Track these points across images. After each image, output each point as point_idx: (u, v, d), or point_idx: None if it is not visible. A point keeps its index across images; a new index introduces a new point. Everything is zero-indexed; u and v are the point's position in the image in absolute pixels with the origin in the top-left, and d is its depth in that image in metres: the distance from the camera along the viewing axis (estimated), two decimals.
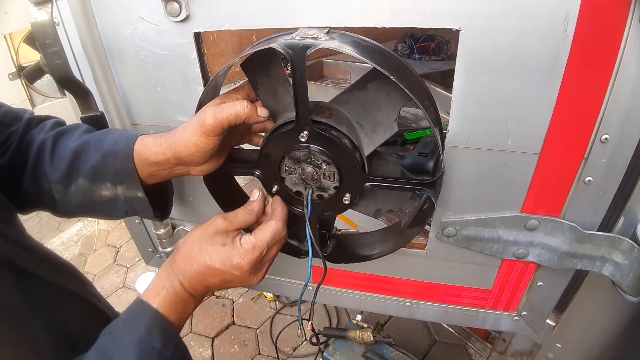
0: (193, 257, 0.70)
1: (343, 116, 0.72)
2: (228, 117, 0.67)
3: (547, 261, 0.82)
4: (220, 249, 0.69)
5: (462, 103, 0.68)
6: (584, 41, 0.59)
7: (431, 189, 0.70)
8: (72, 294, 0.76)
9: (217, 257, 0.69)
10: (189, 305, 0.71)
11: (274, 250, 0.74)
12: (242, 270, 0.69)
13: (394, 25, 0.64)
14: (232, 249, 0.70)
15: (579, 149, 0.69)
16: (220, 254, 0.69)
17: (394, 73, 0.58)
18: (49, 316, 0.68)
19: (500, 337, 1.59)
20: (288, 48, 0.61)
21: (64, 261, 0.82)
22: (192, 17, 0.73)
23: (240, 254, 0.69)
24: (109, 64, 0.83)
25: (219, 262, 0.69)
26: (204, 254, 0.69)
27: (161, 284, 0.69)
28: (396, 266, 0.97)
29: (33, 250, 0.72)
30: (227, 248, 0.70)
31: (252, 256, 0.69)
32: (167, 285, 0.69)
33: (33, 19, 0.75)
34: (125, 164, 0.73)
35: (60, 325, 0.69)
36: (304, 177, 0.74)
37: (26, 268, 0.67)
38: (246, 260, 0.69)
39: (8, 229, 0.68)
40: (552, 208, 0.77)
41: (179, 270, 0.70)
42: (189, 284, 0.69)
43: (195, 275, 0.69)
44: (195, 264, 0.69)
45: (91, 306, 0.80)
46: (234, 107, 0.67)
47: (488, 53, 0.63)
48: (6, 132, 0.77)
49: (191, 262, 0.69)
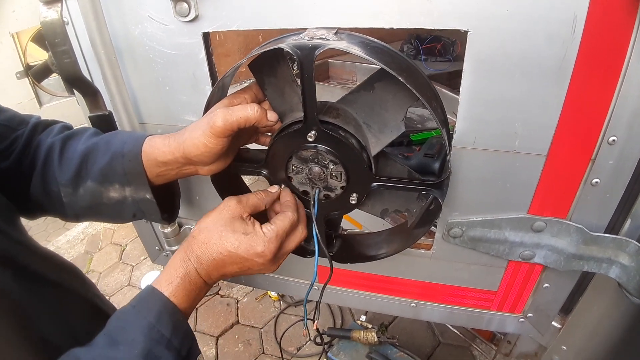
0: (213, 244, 0.70)
1: (350, 116, 0.72)
2: (238, 121, 0.67)
3: (554, 263, 0.82)
4: (242, 237, 0.70)
5: (469, 104, 0.68)
6: (592, 42, 0.59)
7: (438, 190, 0.70)
8: (75, 294, 0.77)
9: (239, 244, 0.69)
10: (201, 292, 0.71)
11: (292, 242, 0.75)
12: (265, 258, 0.70)
13: (402, 26, 0.64)
14: (255, 237, 0.70)
15: (587, 150, 0.68)
16: (243, 241, 0.69)
17: (401, 74, 0.59)
18: (52, 314, 0.68)
19: (505, 339, 1.58)
20: (297, 48, 0.61)
21: (66, 262, 0.82)
22: (201, 17, 0.73)
23: (264, 242, 0.70)
24: (118, 63, 0.84)
25: (242, 250, 0.69)
26: (225, 241, 0.69)
27: (175, 272, 0.69)
28: (402, 266, 0.97)
29: (35, 250, 0.73)
30: (250, 236, 0.70)
31: (275, 245, 0.70)
32: (182, 273, 0.69)
33: (43, 17, 0.76)
34: (134, 165, 0.74)
35: (64, 323, 0.70)
36: (311, 177, 0.74)
37: (29, 266, 0.67)
38: (269, 248, 0.70)
39: (10, 229, 0.68)
40: (558, 210, 0.76)
41: (196, 258, 0.70)
42: (205, 271, 0.70)
43: (214, 262, 0.70)
44: (215, 251, 0.69)
45: (94, 307, 0.81)
46: (245, 111, 0.67)
47: (496, 54, 0.63)
48: (11, 137, 0.77)
49: (210, 249, 0.70)
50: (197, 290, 0.70)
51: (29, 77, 2.72)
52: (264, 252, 0.69)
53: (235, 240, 0.69)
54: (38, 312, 0.65)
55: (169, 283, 0.68)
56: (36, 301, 0.66)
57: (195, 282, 0.69)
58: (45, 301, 0.68)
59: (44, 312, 0.67)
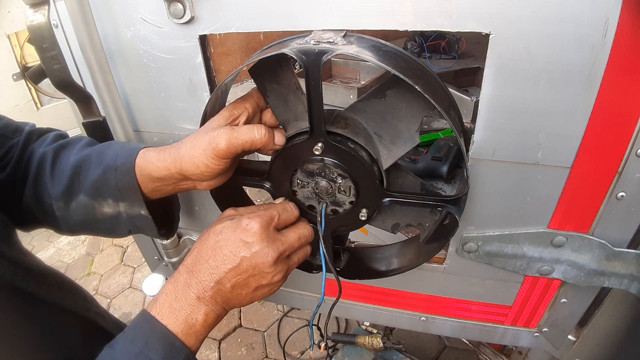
0: (201, 246, 0.66)
1: (360, 126, 0.67)
2: (243, 145, 0.64)
3: (573, 279, 0.79)
4: (228, 222, 0.67)
5: (490, 113, 0.63)
6: (625, 47, 0.55)
7: (455, 206, 0.65)
8: (74, 315, 0.74)
9: (225, 229, 0.66)
10: (194, 311, 0.63)
11: (292, 233, 0.70)
12: (252, 232, 0.64)
13: (417, 28, 0.59)
14: (239, 217, 0.67)
15: (613, 163, 0.65)
16: (227, 224, 0.66)
17: (418, 82, 0.53)
18: (49, 338, 0.65)
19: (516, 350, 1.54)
20: (302, 54, 0.56)
21: (64, 278, 0.79)
22: (197, 19, 0.69)
23: (248, 217, 0.66)
24: (109, 68, 0.80)
25: (227, 232, 0.65)
26: (212, 234, 0.66)
27: (162, 289, 0.65)
28: (412, 280, 0.93)
29: (32, 269, 0.70)
30: (236, 219, 0.67)
31: (261, 218, 0.66)
32: (168, 289, 0.64)
33: (29, 21, 0.71)
34: (127, 180, 0.69)
35: (62, 347, 0.67)
36: (318, 191, 0.70)
37: (25, 289, 0.64)
38: (255, 220, 0.65)
39: (6, 248, 0.65)
40: (581, 224, 0.73)
41: (186, 268, 0.65)
42: (196, 281, 0.64)
43: (205, 267, 0.64)
44: (204, 250, 0.65)
45: (94, 326, 0.78)
46: (251, 133, 0.64)
47: (520, 59, 0.58)
48: (6, 145, 0.75)
49: (200, 252, 0.66)
50: (188, 307, 0.62)
51: (25, 78, 2.69)
52: (249, 226, 0.64)
53: (220, 227, 0.66)
54: (34, 335, 0.63)
55: (155, 301, 0.63)
56: (32, 324, 0.63)
57: (184, 298, 0.63)
58: (42, 324, 0.65)
59: (40, 335, 0.64)
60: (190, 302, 0.63)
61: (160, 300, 0.63)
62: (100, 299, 3.06)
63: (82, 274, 3.36)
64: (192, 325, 0.62)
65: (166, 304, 0.62)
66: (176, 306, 0.62)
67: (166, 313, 0.62)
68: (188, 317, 0.62)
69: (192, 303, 0.63)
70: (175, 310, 0.62)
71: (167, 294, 0.63)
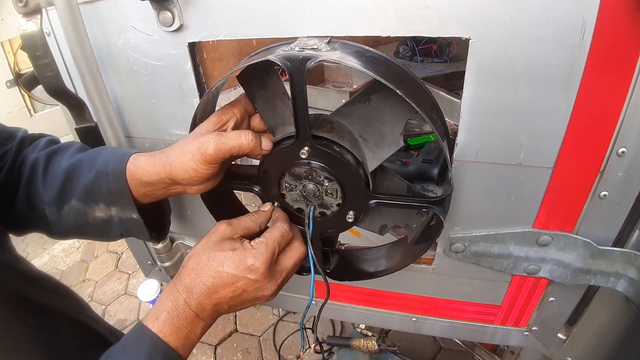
0: (201, 268, 0.65)
1: (345, 130, 0.68)
2: (231, 150, 0.64)
3: (560, 277, 0.79)
4: (230, 253, 0.65)
5: (472, 115, 0.65)
6: (602, 49, 0.56)
7: (439, 207, 0.66)
8: (67, 318, 0.74)
9: (228, 261, 0.65)
10: (194, 327, 0.65)
11: (289, 259, 0.70)
12: (258, 272, 0.65)
13: (399, 33, 0.60)
14: (243, 251, 0.66)
15: (595, 162, 0.66)
16: (231, 257, 0.65)
17: (400, 86, 0.55)
18: (43, 342, 0.66)
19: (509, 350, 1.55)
20: (286, 60, 0.57)
21: (58, 283, 0.80)
22: (186, 27, 0.70)
23: (253, 254, 0.65)
24: (101, 75, 0.80)
25: (231, 266, 0.64)
26: (212, 262, 0.65)
27: (162, 306, 0.65)
28: (402, 281, 0.94)
29: (25, 273, 0.71)
30: (239, 252, 0.66)
31: (265, 256, 0.65)
32: (169, 306, 0.64)
33: (22, 30, 0.73)
34: (118, 185, 0.70)
35: (55, 350, 0.68)
36: (305, 194, 0.71)
37: (19, 292, 0.65)
38: (260, 260, 0.65)
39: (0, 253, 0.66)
40: (565, 223, 0.74)
41: (185, 287, 0.65)
42: (196, 302, 0.65)
43: (204, 288, 0.65)
44: (204, 275, 0.65)
45: (88, 329, 0.78)
46: (239, 139, 0.64)
47: (500, 62, 0.59)
48: (0, 152, 0.75)
49: (199, 274, 0.65)
50: (188, 325, 0.64)
51: (19, 85, 2.69)
52: (255, 266, 0.64)
53: (224, 258, 0.65)
54: (28, 339, 0.63)
55: (156, 318, 0.63)
56: (26, 328, 0.64)
57: (185, 316, 0.64)
58: (36, 328, 0.66)
59: (34, 339, 0.64)
60: (190, 320, 0.64)
61: (162, 318, 0.63)
62: (95, 306, 3.04)
63: (77, 281, 3.34)
64: (191, 339, 0.65)
65: (168, 322, 0.63)
66: (177, 324, 0.63)
67: (168, 331, 0.63)
68: (189, 334, 0.64)
69: (192, 321, 0.64)
70: (177, 328, 0.63)
71: (169, 312, 0.64)
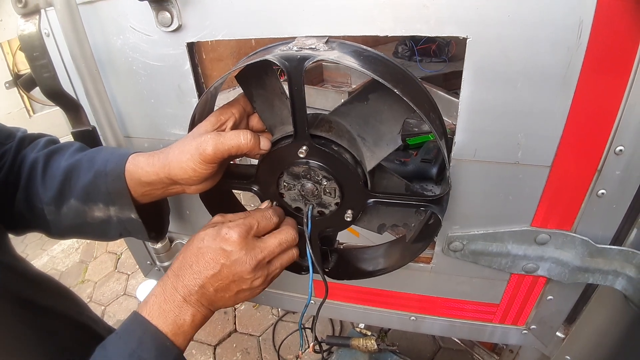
0: (187, 250, 0.68)
1: (344, 129, 0.68)
2: (229, 150, 0.65)
3: (558, 275, 0.80)
4: (210, 229, 0.68)
5: (469, 114, 0.65)
6: (599, 49, 0.56)
7: (437, 205, 0.66)
8: (67, 319, 0.75)
9: (207, 236, 0.67)
10: (182, 312, 0.65)
11: (272, 238, 0.70)
12: (230, 241, 0.65)
13: (397, 33, 0.60)
14: (221, 225, 0.68)
15: (592, 161, 0.66)
16: (209, 232, 0.67)
17: (397, 85, 0.55)
18: (43, 342, 0.66)
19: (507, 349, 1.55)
20: (284, 60, 0.58)
21: (57, 284, 0.80)
22: (184, 27, 0.70)
23: (228, 226, 0.67)
24: (100, 76, 0.80)
25: (209, 240, 0.66)
26: (196, 241, 0.68)
27: (152, 291, 0.66)
28: (400, 280, 0.94)
29: (25, 274, 0.71)
30: (217, 226, 0.68)
31: (240, 227, 0.67)
32: (157, 291, 0.66)
33: (20, 30, 0.73)
34: (117, 184, 0.70)
35: (55, 350, 0.68)
36: (304, 193, 0.71)
37: (19, 293, 0.65)
38: (234, 229, 0.66)
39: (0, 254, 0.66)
40: (563, 222, 0.74)
41: (173, 272, 0.67)
42: (182, 285, 0.65)
43: (190, 271, 0.66)
44: (189, 255, 0.67)
45: (87, 330, 0.79)
46: (237, 139, 0.65)
47: (497, 62, 0.59)
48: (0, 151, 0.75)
49: (185, 256, 0.67)
50: (176, 309, 0.64)
51: (17, 86, 2.69)
52: (228, 235, 0.66)
53: (203, 234, 0.67)
54: (27, 339, 0.64)
55: (145, 303, 0.65)
56: (25, 328, 0.64)
57: (172, 300, 0.65)
58: (36, 328, 0.66)
59: (33, 339, 0.65)
60: (177, 304, 0.64)
61: (150, 302, 0.65)
62: (95, 307, 3.05)
63: (76, 282, 3.34)
64: (180, 325, 0.64)
65: (156, 305, 0.64)
66: (165, 308, 0.64)
67: (156, 314, 0.63)
68: (176, 318, 0.64)
69: (179, 305, 0.64)
70: (165, 312, 0.63)
71: (156, 296, 0.65)
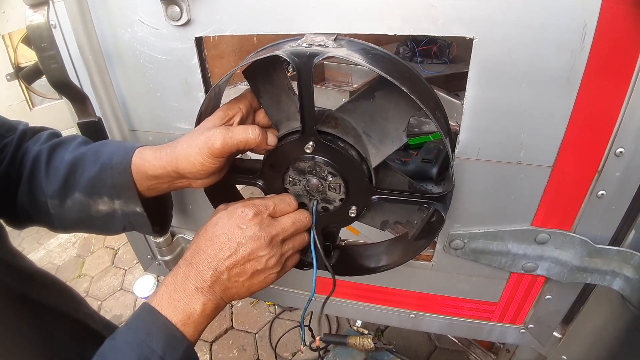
0: (199, 238, 0.68)
1: (350, 126, 0.69)
2: (238, 144, 0.65)
3: (557, 275, 0.80)
4: (223, 212, 0.69)
5: (474, 114, 0.66)
6: (602, 52, 0.57)
7: (441, 203, 0.67)
8: (65, 316, 0.75)
9: (221, 220, 0.68)
10: (193, 302, 0.64)
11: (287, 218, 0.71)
12: (246, 219, 0.66)
13: (404, 32, 0.61)
14: (234, 205, 0.69)
15: (593, 162, 0.67)
16: (223, 215, 0.68)
17: (405, 83, 0.56)
18: (40, 339, 0.66)
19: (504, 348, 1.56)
20: (294, 56, 0.58)
21: (54, 279, 0.80)
22: (193, 22, 0.71)
23: (242, 204, 0.68)
24: (107, 68, 0.81)
25: (224, 221, 0.67)
26: (208, 227, 0.68)
27: (163, 282, 0.66)
28: (401, 278, 0.95)
29: (22, 270, 0.71)
30: (230, 208, 0.69)
31: (254, 205, 0.68)
32: (168, 280, 0.66)
33: (29, 21, 0.73)
34: (123, 178, 0.71)
35: (53, 347, 0.68)
36: (309, 189, 0.72)
37: (16, 290, 0.65)
38: (248, 207, 0.67)
39: None
40: (563, 222, 0.75)
41: (185, 261, 0.67)
42: (195, 272, 0.65)
43: (204, 257, 0.66)
44: (202, 242, 0.67)
45: (84, 327, 0.78)
46: (246, 134, 0.65)
47: (502, 63, 0.60)
48: (0, 144, 0.75)
49: (198, 244, 0.67)
50: (186, 298, 0.64)
51: (19, 79, 2.68)
52: (244, 213, 0.66)
53: (216, 219, 0.68)
54: (24, 335, 0.63)
55: (155, 293, 0.65)
56: (22, 325, 0.64)
57: (183, 289, 0.64)
58: (34, 325, 0.66)
59: (31, 337, 0.64)
60: (188, 293, 0.64)
61: (161, 292, 0.65)
62: (91, 301, 3.04)
63: (73, 276, 3.33)
64: (190, 314, 0.63)
65: (166, 294, 0.64)
66: (175, 297, 0.64)
67: (166, 304, 0.63)
68: (186, 307, 0.63)
69: (190, 293, 0.64)
70: (175, 301, 0.63)
71: (166, 286, 0.65)
